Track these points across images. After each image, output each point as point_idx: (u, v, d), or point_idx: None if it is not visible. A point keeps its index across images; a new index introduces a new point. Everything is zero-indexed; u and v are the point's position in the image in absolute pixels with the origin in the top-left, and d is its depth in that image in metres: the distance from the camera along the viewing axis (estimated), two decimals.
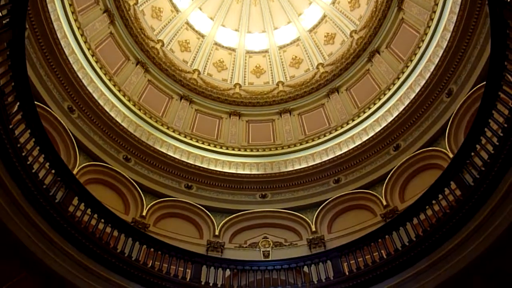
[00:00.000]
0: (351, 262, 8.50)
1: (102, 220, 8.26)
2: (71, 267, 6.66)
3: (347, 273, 8.16)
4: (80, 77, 12.59)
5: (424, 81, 12.69)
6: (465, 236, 6.79)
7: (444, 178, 7.87)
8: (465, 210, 6.89)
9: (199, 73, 18.38)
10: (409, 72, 13.94)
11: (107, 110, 13.43)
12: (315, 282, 8.27)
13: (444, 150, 11.62)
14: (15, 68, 6.60)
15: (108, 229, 8.32)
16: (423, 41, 13.43)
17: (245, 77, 19.22)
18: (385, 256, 7.97)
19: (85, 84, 12.76)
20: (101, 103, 13.27)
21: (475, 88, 10.76)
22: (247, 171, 15.23)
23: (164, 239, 10.02)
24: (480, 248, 6.48)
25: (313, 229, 13.18)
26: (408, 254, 7.47)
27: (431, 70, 12.43)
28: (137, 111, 15.15)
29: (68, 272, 6.61)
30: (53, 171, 7.58)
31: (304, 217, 13.72)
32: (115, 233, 8.39)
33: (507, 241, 6.24)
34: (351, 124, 15.37)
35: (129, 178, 13.19)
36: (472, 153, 7.47)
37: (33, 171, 6.68)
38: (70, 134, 11.90)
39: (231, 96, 17.89)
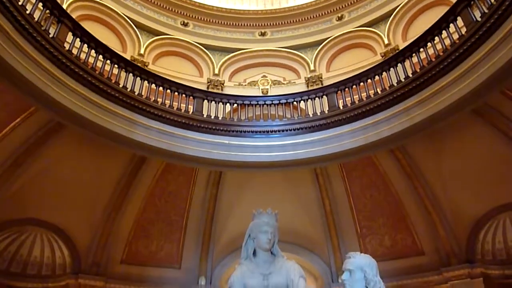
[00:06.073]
0: (346, 98, 8.79)
1: (100, 57, 8.14)
2: (77, 101, 6.87)
3: (341, 107, 8.57)
4: None
5: None
6: (460, 73, 6.82)
7: (451, 12, 7.48)
8: (466, 46, 6.74)
9: None
10: None
11: None
12: (311, 116, 8.74)
13: None
14: None
15: (107, 67, 8.23)
16: None
17: None
18: (379, 93, 8.21)
19: None
20: None
21: None
22: (245, 7, 14.43)
23: (164, 76, 10.13)
24: (472, 85, 6.57)
25: (312, 68, 13.27)
26: (402, 89, 7.66)
27: None
28: None
29: (75, 105, 6.83)
30: (40, 4, 7.13)
31: (303, 56, 13.65)
32: (115, 70, 8.35)
33: (500, 78, 6.35)
34: None
35: (122, 14, 12.59)
36: None
37: (20, 3, 6.28)
38: None
39: None
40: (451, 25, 7.52)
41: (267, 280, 3.34)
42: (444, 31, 7.70)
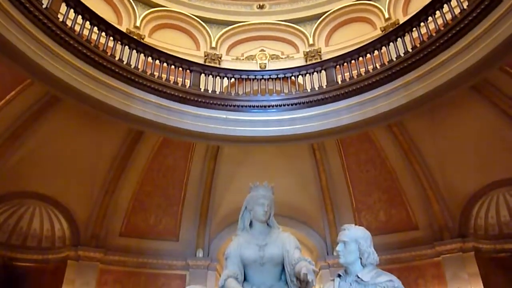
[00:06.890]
0: (345, 73, 8.69)
1: (95, 29, 7.97)
2: (72, 74, 6.76)
3: (340, 82, 8.49)
4: None
5: None
6: (460, 48, 6.73)
7: None
8: (467, 21, 6.63)
9: None
10: None
11: None
12: (309, 91, 8.68)
13: None
14: None
15: (103, 39, 8.06)
16: None
17: None
18: (378, 68, 8.13)
19: None
20: None
21: None
22: None
23: (161, 50, 9.96)
24: (472, 61, 6.50)
25: (311, 42, 13.08)
26: (401, 64, 7.58)
27: None
28: None
29: (70, 78, 6.73)
30: None
31: (302, 29, 13.42)
32: (110, 43, 8.16)
33: (500, 54, 6.29)
34: None
35: None
36: None
37: None
38: None
39: None
40: None
41: (263, 251, 3.39)
42: (445, 5, 7.56)
